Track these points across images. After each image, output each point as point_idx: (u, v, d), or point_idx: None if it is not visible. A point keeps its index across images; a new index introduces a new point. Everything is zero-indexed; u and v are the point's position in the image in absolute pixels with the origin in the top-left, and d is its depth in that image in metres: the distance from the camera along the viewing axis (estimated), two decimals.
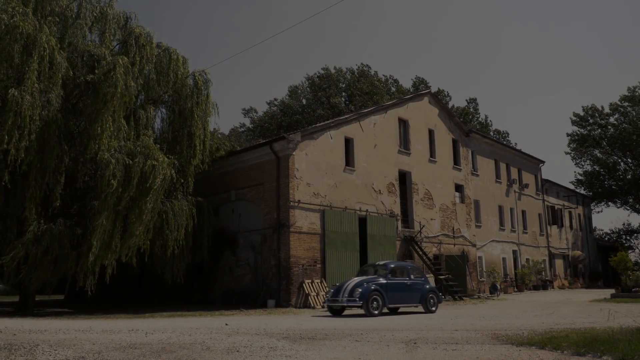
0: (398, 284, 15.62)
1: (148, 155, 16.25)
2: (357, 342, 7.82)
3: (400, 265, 16.78)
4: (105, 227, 15.12)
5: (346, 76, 47.85)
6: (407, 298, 15.77)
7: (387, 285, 15.23)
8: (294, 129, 37.72)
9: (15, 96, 14.27)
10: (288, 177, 19.63)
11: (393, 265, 16.29)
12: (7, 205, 15.99)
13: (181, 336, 8.63)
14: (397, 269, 16.21)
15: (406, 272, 16.24)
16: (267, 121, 48.26)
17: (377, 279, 15.35)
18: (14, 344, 7.51)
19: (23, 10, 15.42)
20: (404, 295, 15.66)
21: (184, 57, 20.24)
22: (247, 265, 20.87)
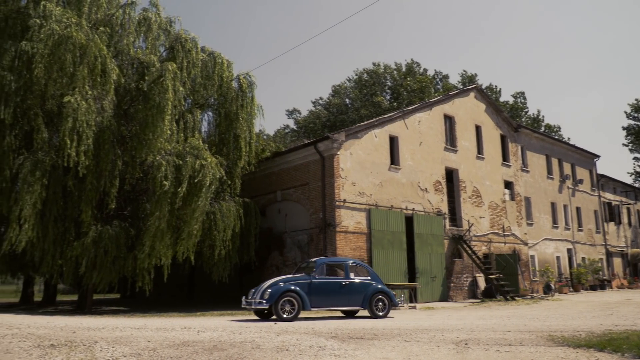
0: (329, 283, 13.56)
1: (197, 155, 16.68)
2: (406, 342, 7.77)
3: (336, 262, 14.67)
4: (158, 227, 15.59)
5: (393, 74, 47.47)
6: (342, 300, 13.68)
7: (312, 285, 13.32)
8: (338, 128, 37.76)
9: (71, 102, 14.93)
10: (333, 177, 19.68)
11: (324, 261, 14.18)
12: (66, 208, 16.70)
13: (231, 334, 8.80)
14: (331, 267, 14.18)
15: (344, 270, 14.05)
16: (312, 121, 48.46)
17: (302, 278, 13.49)
18: (74, 341, 7.83)
19: (77, 20, 16.08)
20: (338, 297, 13.60)
21: (229, 61, 20.61)
22: (294, 265, 21.02)
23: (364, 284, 13.94)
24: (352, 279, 13.94)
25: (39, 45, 14.89)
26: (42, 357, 6.52)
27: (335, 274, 14.11)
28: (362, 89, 47.51)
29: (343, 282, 13.76)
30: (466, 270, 24.68)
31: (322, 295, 13.37)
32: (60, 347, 7.20)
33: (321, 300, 13.38)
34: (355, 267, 14.35)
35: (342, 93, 49.83)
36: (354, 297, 13.75)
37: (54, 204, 15.95)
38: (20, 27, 17.22)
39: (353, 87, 49.25)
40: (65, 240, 16.57)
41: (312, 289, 13.28)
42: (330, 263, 14.36)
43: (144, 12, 19.80)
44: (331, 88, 50.99)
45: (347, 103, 49.04)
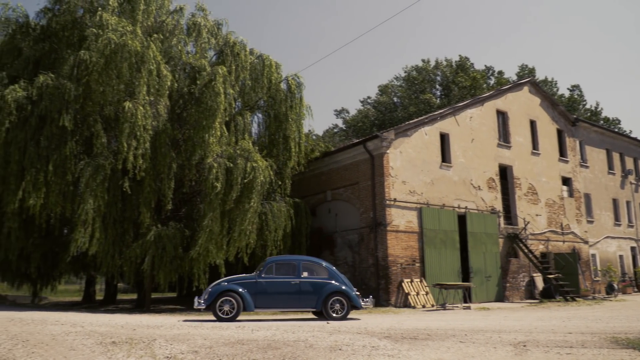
0: (276, 283, 12.84)
1: (248, 157, 16.98)
2: (462, 343, 7.63)
3: (287, 261, 13.59)
4: (211, 228, 15.96)
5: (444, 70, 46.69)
6: (292, 301, 12.89)
7: (258, 284, 12.74)
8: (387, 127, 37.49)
9: (129, 108, 15.53)
10: (383, 176, 19.56)
11: (274, 260, 13.50)
12: (124, 210, 17.31)
13: (285, 333, 8.88)
14: (282, 266, 13.24)
15: (296, 269, 13.11)
16: (360, 120, 48.31)
17: (248, 277, 12.94)
18: (134, 338, 8.11)
19: (132, 29, 16.65)
20: (288, 297, 12.84)
21: (277, 63, 20.84)
22: (345, 265, 21.04)
23: (318, 284, 12.95)
24: (305, 278, 13.04)
25: (96, 54, 15.51)
26: (104, 354, 6.78)
27: (288, 273, 13.13)
28: (410, 86, 46.99)
29: (292, 282, 12.94)
30: (523, 270, 23.98)
31: (268, 296, 12.79)
32: (121, 345, 7.47)
33: (268, 300, 12.83)
34: (310, 265, 13.36)
35: (390, 91, 49.45)
36: (306, 298, 12.86)
37: (113, 207, 16.59)
38: (77, 37, 18.00)
39: (401, 84, 48.77)
40: (124, 241, 17.18)
41: (257, 289, 12.72)
42: (280, 261, 13.46)
43: (192, 17, 20.30)
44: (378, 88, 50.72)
45: (396, 101, 48.61)
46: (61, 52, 17.91)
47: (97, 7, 17.73)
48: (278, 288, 12.84)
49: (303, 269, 13.13)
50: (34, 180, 15.71)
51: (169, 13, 20.06)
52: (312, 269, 13.26)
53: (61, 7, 18.47)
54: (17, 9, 19.47)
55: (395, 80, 49.60)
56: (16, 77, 17.63)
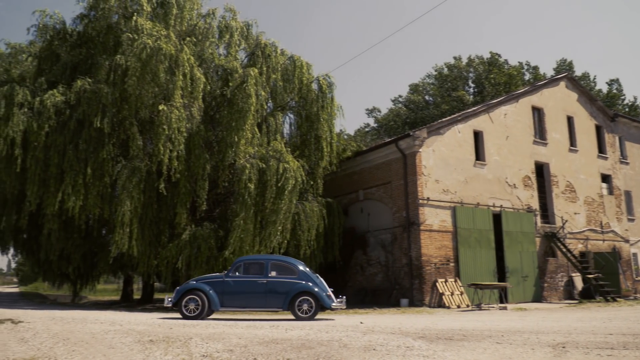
0: (243, 282, 12.74)
1: (280, 159, 17.09)
2: (498, 345, 7.49)
3: (255, 260, 13.44)
4: (244, 228, 16.12)
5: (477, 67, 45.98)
6: (259, 301, 12.67)
7: (225, 284, 12.70)
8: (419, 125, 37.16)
9: (165, 111, 15.83)
10: (416, 175, 19.39)
11: (243, 259, 13.44)
12: (160, 211, 17.64)
13: (318, 333, 8.89)
14: (251, 265, 13.12)
15: (264, 268, 12.89)
16: (392, 119, 48.01)
17: (216, 277, 13.01)
18: (171, 337, 8.24)
19: (166, 33, 16.96)
20: (255, 297, 12.66)
21: (308, 63, 20.88)
22: (378, 264, 20.94)
23: (286, 284, 12.65)
24: (272, 278, 12.78)
25: (132, 58, 15.85)
26: (142, 352, 6.91)
27: (257, 272, 12.94)
28: (442, 84, 46.44)
29: (260, 281, 12.73)
30: (561, 270, 23.43)
31: (235, 295, 12.69)
32: (158, 343, 7.59)
33: (235, 300, 12.74)
34: (279, 265, 13.05)
35: (421, 90, 48.98)
36: (275, 298, 12.59)
37: (149, 208, 16.93)
38: (112, 42, 18.42)
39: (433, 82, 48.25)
40: (160, 241, 17.51)
41: (224, 289, 12.66)
42: (249, 261, 13.36)
43: (223, 19, 20.53)
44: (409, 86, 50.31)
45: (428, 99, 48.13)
46: (97, 57, 18.35)
47: (131, 12, 18.11)
48: (245, 287, 12.74)
49: (271, 269, 12.92)
50: (73, 182, 16.17)
51: (201, 16, 20.34)
52: (281, 269, 12.97)
53: (97, 14, 18.91)
54: (54, 16, 20.03)
55: (428, 78, 49.12)
56: (55, 82, 18.16)
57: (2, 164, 16.81)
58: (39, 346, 7.38)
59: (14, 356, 6.55)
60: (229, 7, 20.83)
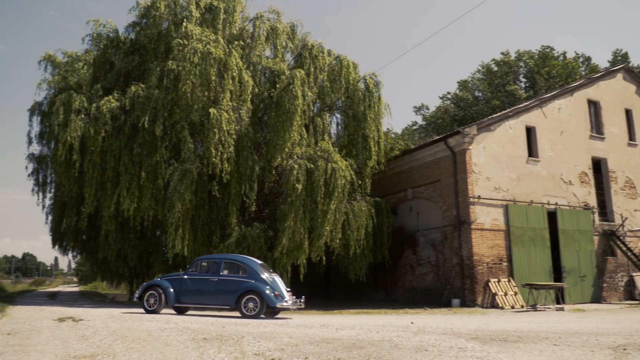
0: (198, 280, 13.38)
1: (328, 159, 17.13)
2: (556, 346, 7.26)
3: (211, 259, 14.04)
4: (293, 228, 16.24)
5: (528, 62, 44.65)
6: (212, 298, 13.25)
7: (182, 281, 13.46)
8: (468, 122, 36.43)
9: (214, 114, 16.17)
10: (466, 173, 19.02)
11: (201, 258, 14.23)
12: (211, 212, 18.02)
13: (369, 333, 8.85)
14: (206, 263, 13.81)
15: (218, 267, 13.46)
16: (440, 116, 47.29)
17: (177, 274, 13.88)
18: (224, 335, 8.39)
19: (215, 37, 17.32)
20: (208, 294, 13.25)
21: (354, 63, 20.83)
22: (428, 264, 20.67)
23: (234, 282, 13.03)
24: (223, 276, 13.27)
25: (183, 63, 16.25)
26: (197, 349, 7.07)
27: (211, 271, 13.54)
28: (491, 80, 45.33)
29: (211, 279, 13.27)
30: (621, 269, 22.47)
31: (191, 292, 13.35)
32: (212, 341, 7.75)
33: (190, 297, 13.42)
34: (231, 264, 13.50)
35: (470, 86, 48.00)
36: (224, 296, 13.03)
37: (201, 209, 17.32)
38: (163, 49, 18.94)
39: (482, 78, 47.18)
40: (211, 242, 17.87)
41: (182, 286, 13.41)
42: (206, 260, 14.01)
43: (268, 21, 20.76)
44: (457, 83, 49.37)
45: (477, 95, 47.12)
46: (149, 63, 18.92)
47: (181, 19, 18.57)
48: (199, 285, 13.37)
49: (224, 268, 13.43)
50: (128, 185, 16.73)
51: (248, 20, 20.64)
52: (233, 268, 13.42)
53: (148, 21, 19.50)
54: (107, 25, 20.78)
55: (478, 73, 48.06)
56: (110, 88, 18.84)
57: (62, 168, 17.56)
58: (98, 343, 7.67)
59: (74, 353, 6.83)
60: (273, 9, 21.06)
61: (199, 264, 13.92)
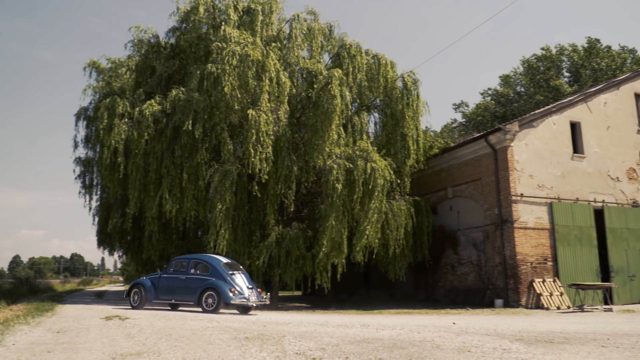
0: (171, 279, 15.03)
1: (367, 158, 17.07)
2: (604, 348, 7.04)
3: (183, 259, 15.55)
4: (334, 228, 16.25)
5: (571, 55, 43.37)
6: (181, 295, 14.81)
7: (160, 280, 15.19)
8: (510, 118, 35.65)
9: (253, 115, 16.36)
10: (507, 170, 18.63)
11: (177, 258, 15.81)
12: (251, 212, 18.23)
13: (410, 333, 8.78)
14: (179, 263, 15.34)
15: (186, 266, 15.07)
16: (480, 113, 46.43)
17: (157, 273, 15.68)
18: (265, 334, 8.47)
19: (252, 40, 17.52)
20: (179, 292, 14.82)
21: (392, 61, 20.68)
22: (469, 264, 20.34)
23: (198, 280, 14.46)
24: (190, 275, 14.78)
25: (222, 66, 16.51)
26: (239, 348, 7.16)
27: (182, 270, 15.09)
28: (533, 75, 44.20)
29: (180, 278, 14.85)
30: None
31: (165, 290, 15.02)
32: (253, 340, 7.84)
33: (165, 294, 15.03)
34: (197, 263, 14.99)
35: (512, 82, 46.94)
36: (190, 293, 14.49)
37: (241, 209, 17.54)
38: (203, 52, 19.27)
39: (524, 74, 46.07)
40: (252, 241, 18.08)
41: (159, 284, 15.13)
42: (179, 260, 15.51)
43: (305, 22, 20.85)
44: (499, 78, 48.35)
45: (519, 91, 46.05)
46: (189, 67, 19.29)
47: (219, 22, 18.86)
48: (171, 283, 15.00)
49: (192, 267, 14.96)
50: (170, 187, 17.10)
51: (285, 21, 20.79)
52: (200, 267, 14.90)
53: (187, 26, 19.88)
54: (148, 31, 21.30)
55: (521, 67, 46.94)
56: (151, 93, 19.30)
57: (107, 171, 18.10)
58: (144, 341, 7.86)
59: (121, 351, 7.02)
60: (310, 9, 21.14)
61: (174, 263, 15.46)
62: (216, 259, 14.95)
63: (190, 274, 14.89)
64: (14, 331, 9.10)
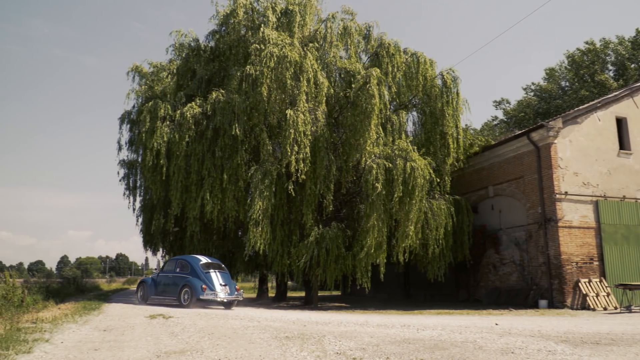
0: (164, 277, 17.18)
1: (406, 157, 16.95)
2: None
3: (172, 260, 17.77)
4: (375, 228, 16.20)
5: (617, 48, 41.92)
6: (170, 292, 16.69)
7: (157, 278, 17.48)
8: (553, 115, 34.76)
9: (291, 116, 16.48)
10: (551, 168, 18.18)
11: (173, 259, 18.00)
12: (290, 212, 18.37)
13: (451, 334, 8.70)
14: (171, 263, 17.43)
15: (173, 266, 17.10)
16: (522, 110, 45.40)
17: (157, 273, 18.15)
18: (305, 334, 8.55)
19: (290, 41, 17.65)
20: (168, 289, 16.80)
21: (431, 60, 20.48)
22: (512, 263, 19.95)
23: (180, 278, 16.39)
24: (176, 273, 16.73)
25: (261, 68, 16.71)
26: (279, 347, 7.25)
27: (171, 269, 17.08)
28: (577, 69, 42.92)
29: (169, 276, 16.82)
30: None
31: (159, 288, 17.14)
32: (294, 339, 7.92)
33: (159, 291, 17.11)
34: (181, 263, 16.82)
35: (556, 76, 45.69)
36: (173, 290, 16.44)
37: (280, 209, 17.70)
38: (242, 54, 19.53)
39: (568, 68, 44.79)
40: (291, 241, 18.21)
41: (156, 282, 17.35)
42: (171, 260, 17.73)
43: (342, 22, 20.87)
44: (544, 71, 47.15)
45: (563, 86, 44.80)
46: (229, 69, 19.58)
47: (258, 24, 19.08)
48: (164, 281, 17.07)
49: (177, 266, 16.89)
50: (211, 187, 17.41)
51: (322, 21, 20.86)
52: (183, 266, 16.71)
53: (227, 28, 20.20)
54: (188, 35, 21.73)
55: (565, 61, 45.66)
56: (192, 95, 19.68)
57: (150, 173, 18.57)
58: (187, 340, 8.05)
59: (165, 349, 7.21)
60: (346, 9, 21.14)
61: (167, 263, 17.73)
62: (196, 259, 16.76)
63: (175, 273, 16.82)
64: (63, 329, 9.46)
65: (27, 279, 37.38)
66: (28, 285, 19.85)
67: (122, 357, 6.64)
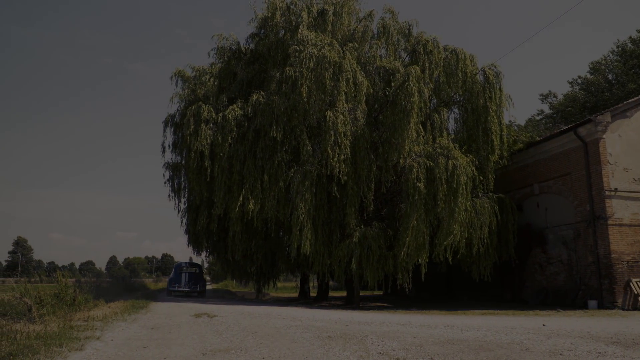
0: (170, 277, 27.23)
1: (448, 155, 16.72)
2: None
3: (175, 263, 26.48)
4: (416, 227, 16.05)
5: None
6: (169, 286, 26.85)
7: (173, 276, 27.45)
8: (601, 109, 33.59)
9: (331, 117, 16.53)
10: (599, 164, 17.58)
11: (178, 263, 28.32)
12: (331, 212, 18.39)
13: (497, 335, 8.54)
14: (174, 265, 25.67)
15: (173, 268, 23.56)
16: (569, 104, 44.03)
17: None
18: (347, 334, 8.56)
19: (329, 40, 17.68)
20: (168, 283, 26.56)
21: (472, 55, 20.11)
22: (559, 263, 19.40)
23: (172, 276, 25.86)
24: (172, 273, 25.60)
25: (300, 69, 16.81)
26: (322, 347, 7.28)
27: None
28: (627, 61, 41.30)
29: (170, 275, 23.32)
30: None
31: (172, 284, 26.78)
32: (336, 339, 7.94)
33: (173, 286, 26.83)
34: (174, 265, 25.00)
35: (603, 69, 44.11)
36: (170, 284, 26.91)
37: (321, 210, 17.75)
38: (281, 56, 19.68)
39: (617, 60, 43.16)
40: (332, 241, 18.24)
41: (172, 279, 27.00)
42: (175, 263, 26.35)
43: (382, 20, 20.72)
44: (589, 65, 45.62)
45: (611, 79, 43.21)
46: (268, 71, 19.78)
47: (295, 25, 19.17)
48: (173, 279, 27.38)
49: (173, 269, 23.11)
50: (252, 188, 17.62)
51: (359, 20, 20.80)
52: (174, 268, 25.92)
53: (266, 31, 20.40)
54: (229, 38, 22.05)
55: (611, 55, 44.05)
56: (233, 98, 19.97)
57: (194, 174, 18.95)
58: (231, 338, 8.19)
59: (210, 347, 7.36)
60: (387, 8, 21.03)
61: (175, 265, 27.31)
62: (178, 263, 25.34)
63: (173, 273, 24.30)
64: (113, 327, 9.78)
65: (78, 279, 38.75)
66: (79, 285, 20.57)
67: (169, 355, 6.81)
